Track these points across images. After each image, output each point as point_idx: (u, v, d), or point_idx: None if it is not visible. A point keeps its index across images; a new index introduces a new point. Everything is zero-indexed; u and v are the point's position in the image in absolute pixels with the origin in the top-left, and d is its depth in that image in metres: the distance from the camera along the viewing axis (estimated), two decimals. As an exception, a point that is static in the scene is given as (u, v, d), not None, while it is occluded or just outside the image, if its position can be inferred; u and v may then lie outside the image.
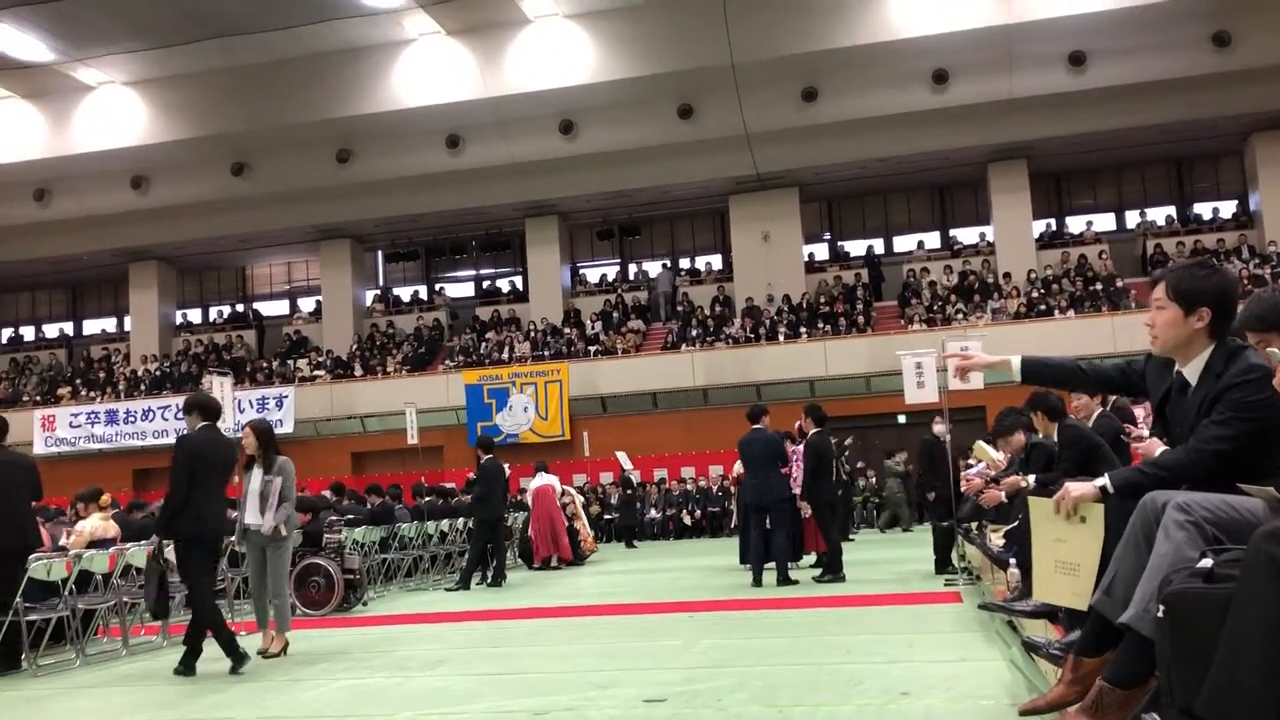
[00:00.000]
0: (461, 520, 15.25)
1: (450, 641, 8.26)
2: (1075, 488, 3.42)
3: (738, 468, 13.65)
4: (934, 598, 9.17)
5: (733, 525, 17.89)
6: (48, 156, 25.49)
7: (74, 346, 31.09)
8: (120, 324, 30.83)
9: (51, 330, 31.94)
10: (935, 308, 23.69)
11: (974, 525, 9.62)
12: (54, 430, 25.41)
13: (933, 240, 27.18)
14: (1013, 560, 6.23)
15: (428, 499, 15.58)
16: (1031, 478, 6.74)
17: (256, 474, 8.07)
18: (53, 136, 25.38)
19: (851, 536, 17.25)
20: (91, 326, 31.77)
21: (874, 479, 22.08)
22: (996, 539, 7.53)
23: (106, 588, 8.86)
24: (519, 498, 18.76)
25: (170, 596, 8.13)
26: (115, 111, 24.93)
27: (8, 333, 31.65)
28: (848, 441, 19.33)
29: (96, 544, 9.51)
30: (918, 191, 27.28)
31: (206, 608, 7.31)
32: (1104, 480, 3.39)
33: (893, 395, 19.15)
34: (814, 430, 11.24)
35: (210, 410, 7.71)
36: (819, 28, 21.90)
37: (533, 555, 15.95)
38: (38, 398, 27.43)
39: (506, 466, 14.50)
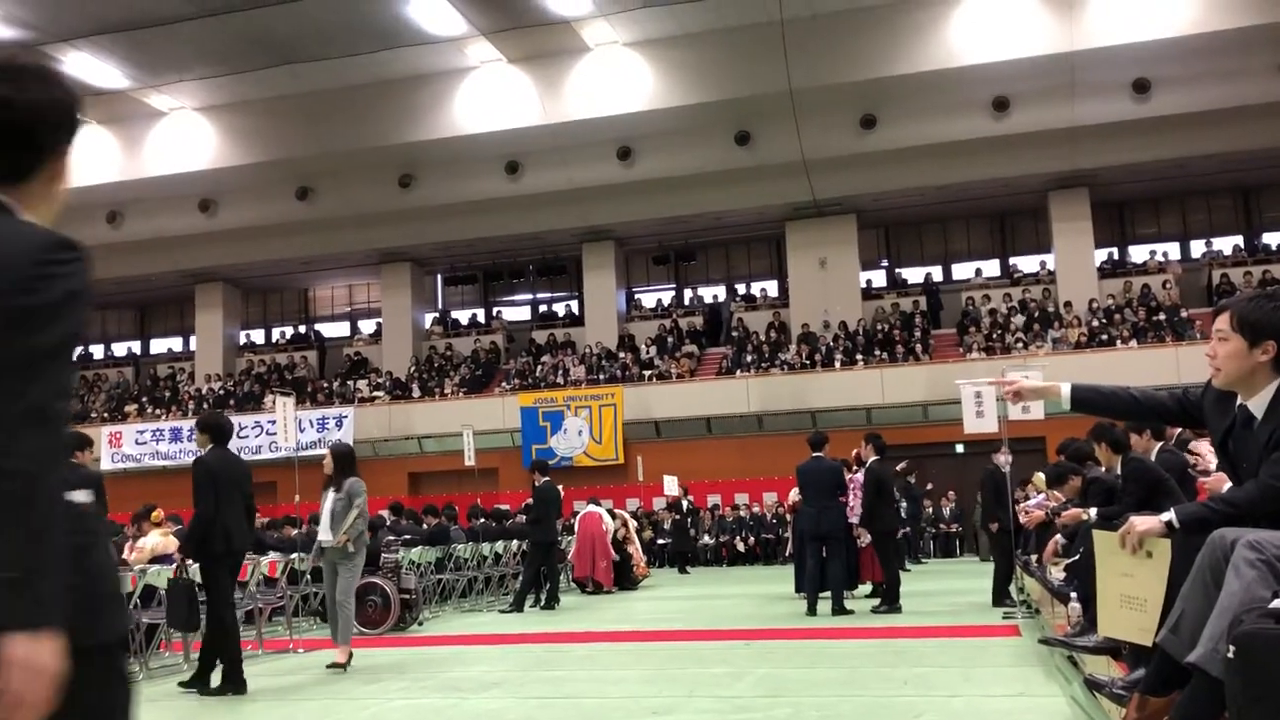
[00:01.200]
0: (516, 542, 15.35)
1: (504, 664, 8.30)
2: (1141, 522, 3.38)
3: (794, 495, 13.60)
4: (992, 631, 9.04)
5: (787, 553, 17.75)
6: (121, 180, 26.20)
7: (141, 365, 31.80)
8: (186, 343, 31.49)
9: (120, 349, 32.72)
10: (994, 336, 23.42)
11: (1034, 558, 9.48)
12: (120, 446, 25.98)
13: (992, 268, 26.89)
14: (1074, 594, 6.12)
15: (482, 521, 15.70)
16: (1094, 511, 6.64)
17: (330, 494, 8.54)
18: (126, 160, 26.10)
19: (909, 567, 17.05)
20: (158, 345, 32.48)
21: (930, 508, 21.82)
22: (1057, 572, 7.42)
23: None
24: (571, 521, 18.82)
25: (199, 612, 8.28)
26: (186, 136, 25.59)
27: (78, 350, 32.36)
28: (900, 465, 19.14)
29: (158, 559, 9.71)
30: (977, 219, 27.03)
31: (227, 626, 7.44)
32: (1170, 515, 3.34)
33: (950, 424, 18.95)
34: (874, 458, 11.16)
35: (222, 431, 7.89)
36: (878, 55, 21.87)
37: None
38: (105, 414, 28.08)
39: (561, 489, 14.57)
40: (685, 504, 21.45)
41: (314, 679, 7.86)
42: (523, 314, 30.03)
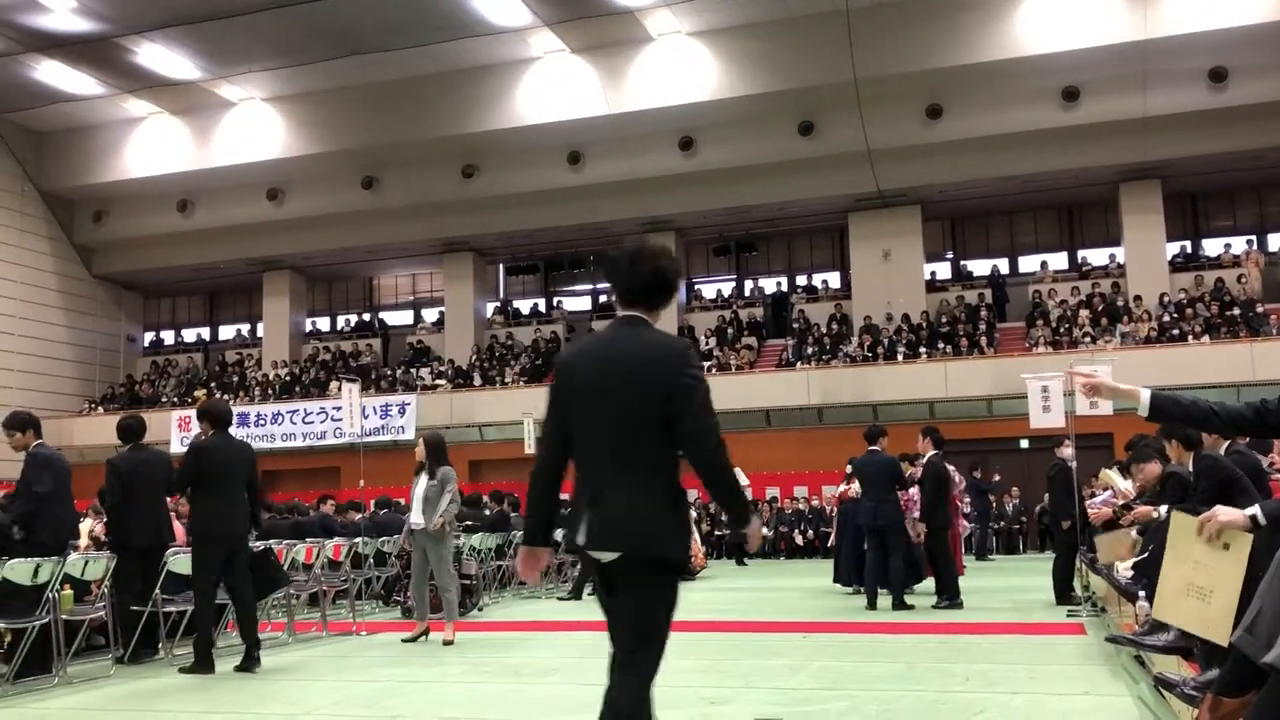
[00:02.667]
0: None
1: (562, 650, 8.36)
2: (1225, 512, 3.30)
3: (843, 487, 13.52)
4: (1056, 628, 8.90)
5: (829, 544, 17.61)
6: (191, 169, 26.80)
7: (210, 351, 32.45)
8: (253, 330, 32.07)
9: (190, 335, 33.42)
10: (1062, 330, 23.01)
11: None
12: (188, 430, 26.45)
13: (1059, 261, 26.41)
14: (1142, 593, 6.01)
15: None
16: (1164, 508, 6.50)
17: (423, 480, 9.02)
18: (196, 150, 26.64)
19: (964, 565, 16.82)
20: (227, 332, 33.12)
21: (994, 504, 21.52)
22: (1124, 570, 7.28)
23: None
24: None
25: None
26: (254, 126, 26.04)
27: (150, 336, 33.22)
28: (966, 471, 18.89)
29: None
30: (1045, 211, 26.55)
31: (205, 605, 7.61)
32: (1255, 510, 3.26)
33: (1015, 419, 18.69)
34: (932, 453, 11.03)
35: (219, 418, 7.96)
36: (945, 44, 21.57)
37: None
38: (175, 399, 28.70)
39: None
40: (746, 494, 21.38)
41: (376, 661, 7.98)
42: (583, 304, 30.12)
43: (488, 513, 14.50)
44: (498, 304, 30.17)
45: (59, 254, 29.01)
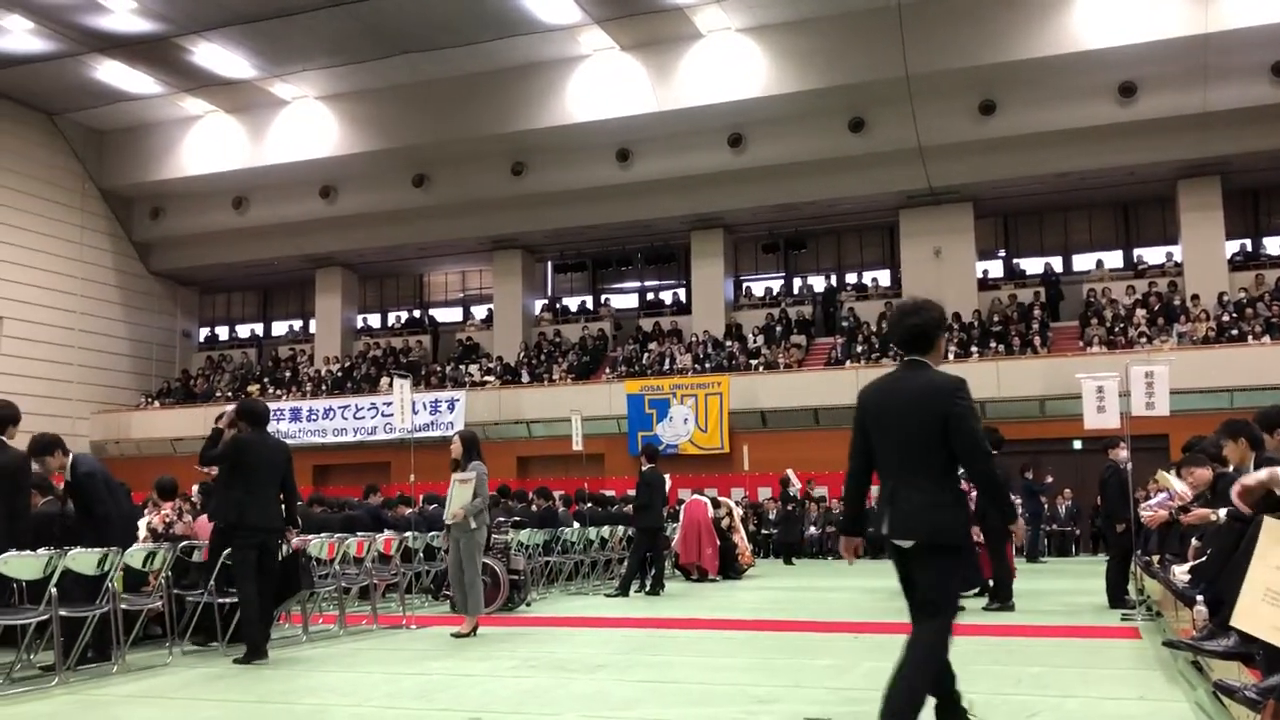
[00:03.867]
0: (621, 528, 15.46)
1: (609, 647, 8.37)
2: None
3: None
4: (1110, 632, 8.77)
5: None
6: (246, 167, 27.21)
7: (263, 346, 32.93)
8: (306, 326, 32.50)
9: (244, 330, 33.92)
10: (1117, 329, 22.65)
11: (1156, 559, 9.16)
12: (243, 425, 26.93)
13: (1115, 259, 25.99)
14: (1200, 597, 5.90)
15: (589, 505, 15.85)
16: (1223, 511, 6.38)
17: (458, 475, 9.17)
18: (251, 148, 27.04)
19: (1014, 567, 16.62)
20: (279, 328, 33.58)
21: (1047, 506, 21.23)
22: (1181, 573, 7.15)
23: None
24: (676, 509, 18.87)
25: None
26: (308, 125, 26.38)
27: (205, 332, 33.77)
28: (1018, 472, 18.69)
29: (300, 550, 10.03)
30: (1100, 208, 26.14)
31: (249, 596, 7.73)
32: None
33: (1069, 420, 18.42)
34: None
35: (256, 416, 8.19)
36: (998, 40, 21.31)
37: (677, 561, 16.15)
38: (229, 393, 29.13)
39: (667, 477, 14.61)
40: (792, 494, 21.28)
41: (426, 654, 8.05)
42: (630, 301, 30.16)
43: (534, 509, 14.56)
44: (546, 301, 30.30)
45: (118, 250, 29.60)
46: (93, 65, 24.42)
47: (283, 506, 8.18)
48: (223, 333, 34.07)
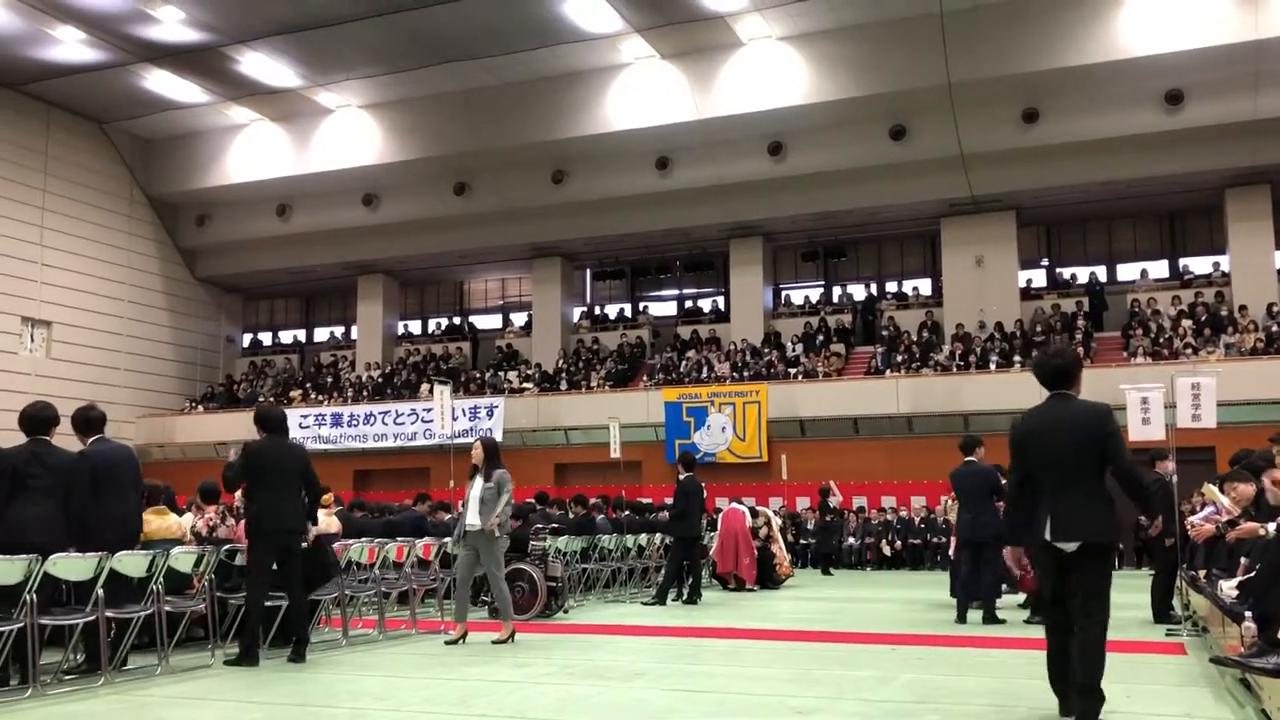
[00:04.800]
0: (659, 535, 15.44)
1: (647, 655, 8.36)
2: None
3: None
4: (1154, 647, 8.63)
5: (950, 555, 17.25)
6: (290, 175, 27.53)
7: (306, 352, 33.27)
8: (347, 332, 32.80)
9: (286, 336, 34.31)
10: (1162, 340, 22.33)
11: (1203, 573, 9.01)
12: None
13: (1160, 269, 25.64)
14: (1248, 613, 5.80)
15: (627, 513, 15.85)
16: (1273, 525, 6.27)
17: (479, 482, 9.07)
18: (295, 156, 27.36)
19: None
20: (321, 334, 33.92)
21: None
22: (1229, 589, 7.03)
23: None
24: (714, 517, 18.82)
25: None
26: (351, 133, 26.65)
27: (248, 337, 34.18)
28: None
29: (322, 539, 10.12)
30: (1145, 217, 25.81)
31: (255, 601, 7.82)
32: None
33: (1112, 431, 18.17)
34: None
35: (268, 421, 8.28)
36: (1042, 47, 21.11)
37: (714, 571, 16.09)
38: (272, 398, 29.45)
39: (704, 485, 14.57)
40: (834, 505, 21.17)
41: (464, 660, 8.09)
42: (669, 309, 30.18)
43: (571, 516, 14.58)
44: (585, 308, 30.38)
45: (164, 257, 30.05)
46: (142, 75, 24.84)
47: (305, 506, 8.27)
48: (266, 338, 34.47)
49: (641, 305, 30.27)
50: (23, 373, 25.88)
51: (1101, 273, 25.89)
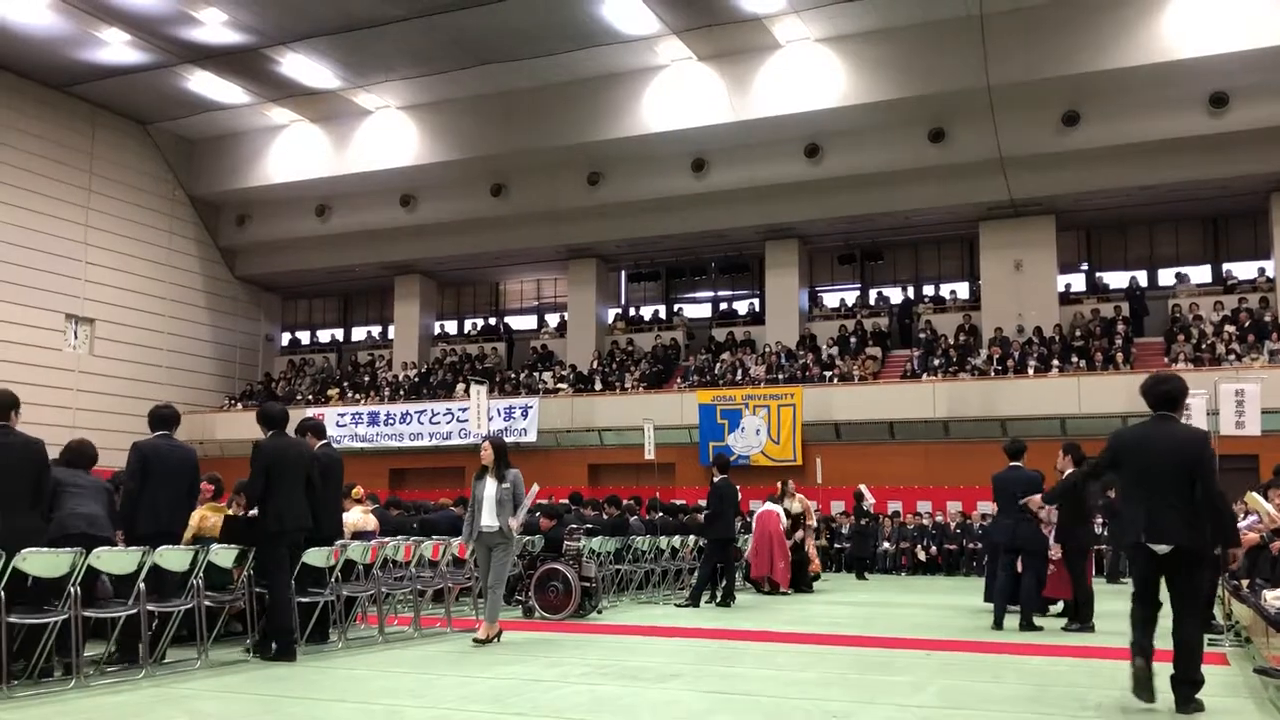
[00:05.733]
0: (693, 538, 15.43)
1: (681, 657, 8.36)
2: None
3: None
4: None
5: (984, 561, 17.15)
6: (329, 175, 27.79)
7: (343, 351, 33.55)
8: (384, 332, 33.04)
9: (324, 335, 34.60)
10: (1204, 346, 22.03)
11: (1245, 583, 8.89)
12: (322, 428, 27.44)
13: (1202, 274, 25.30)
14: (1293, 624, 5.71)
15: (661, 514, 15.85)
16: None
17: (491, 482, 9.00)
18: (335, 157, 27.61)
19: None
20: (359, 333, 34.19)
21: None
22: (1273, 598, 6.93)
23: (367, 577, 9.49)
24: (748, 520, 18.78)
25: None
26: (390, 134, 26.86)
27: (287, 336, 34.52)
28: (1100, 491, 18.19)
29: (358, 535, 10.22)
30: (1187, 221, 25.48)
31: (281, 600, 7.87)
32: None
33: (1152, 438, 17.96)
34: (1072, 470, 10.67)
35: (274, 419, 8.35)
36: (1084, 49, 20.90)
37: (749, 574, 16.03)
38: (310, 397, 29.75)
39: (738, 487, 14.54)
40: (867, 508, 21.06)
41: (499, 658, 8.13)
42: (703, 311, 30.15)
43: (605, 517, 14.60)
44: (619, 310, 30.42)
45: (205, 256, 30.42)
46: (185, 76, 25.16)
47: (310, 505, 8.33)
48: (304, 337, 34.79)
49: (676, 307, 30.27)
50: (66, 369, 26.31)
51: (1142, 277, 25.59)
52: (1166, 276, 25.61)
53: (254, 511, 8.05)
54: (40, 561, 6.40)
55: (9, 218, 25.12)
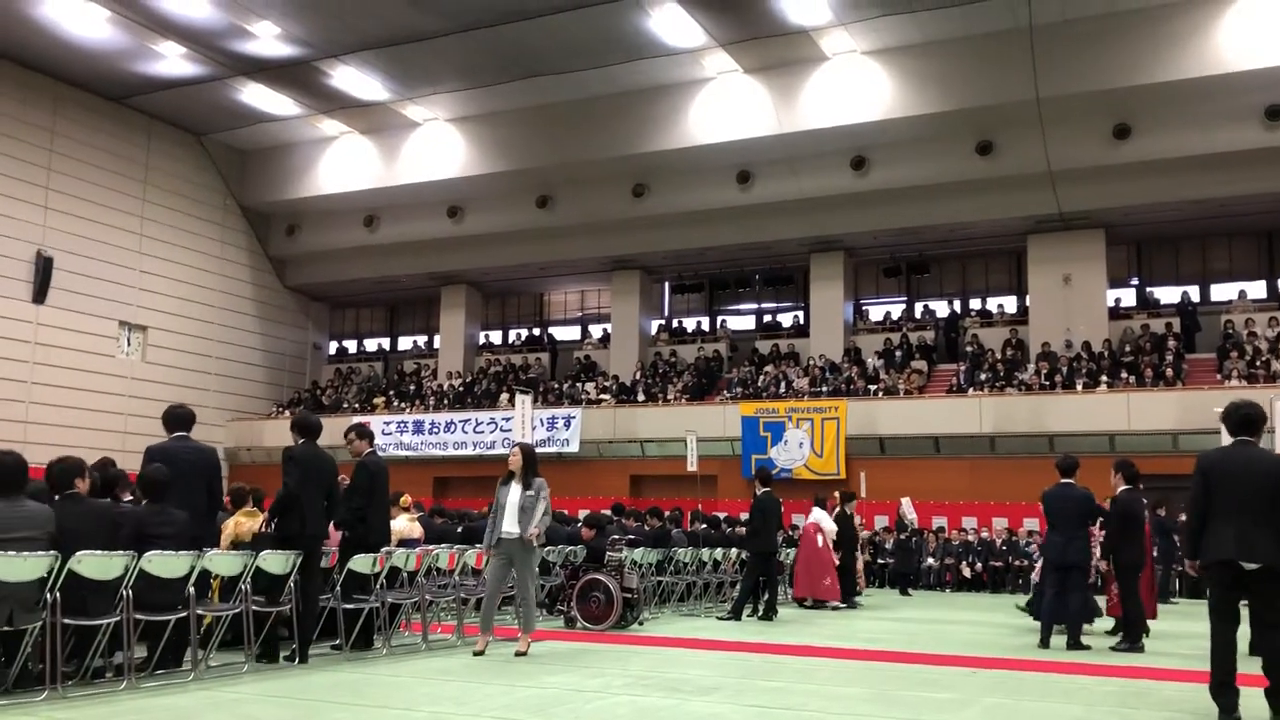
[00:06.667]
0: (735, 550, 15.37)
1: (722, 670, 8.34)
2: None
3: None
4: (1247, 680, 8.33)
5: (1034, 581, 16.95)
6: (378, 187, 28.12)
7: (389, 360, 33.87)
8: (430, 341, 33.32)
9: (371, 344, 34.97)
10: (1259, 363, 21.63)
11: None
12: (367, 436, 27.70)
13: (1257, 290, 24.85)
14: (1350, 648, 5.59)
15: (704, 526, 15.82)
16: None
17: (516, 489, 8.95)
18: (383, 168, 27.94)
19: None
20: (405, 342, 34.51)
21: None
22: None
23: (411, 585, 9.57)
24: (791, 533, 18.70)
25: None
26: (437, 146, 27.13)
27: (334, 345, 34.91)
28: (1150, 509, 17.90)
29: (404, 543, 10.31)
30: (1241, 236, 25.06)
31: (310, 600, 8.10)
32: None
33: (1205, 456, 17.67)
34: (1124, 488, 10.52)
35: (307, 429, 8.48)
36: (1135, 61, 20.65)
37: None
38: (356, 405, 30.05)
39: (780, 501, 14.48)
40: (909, 524, 20.88)
41: (541, 668, 8.15)
42: (747, 323, 30.10)
43: (647, 528, 14.60)
44: (662, 321, 30.45)
45: (255, 265, 30.88)
46: (238, 88, 25.60)
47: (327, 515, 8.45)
48: (351, 346, 35.17)
49: (720, 319, 30.24)
50: (119, 375, 26.80)
51: (1194, 292, 25.19)
52: (1219, 292, 25.20)
53: (273, 522, 8.24)
54: (94, 564, 6.53)
55: (67, 226, 25.68)
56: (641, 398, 26.73)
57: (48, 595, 6.25)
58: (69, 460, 7.07)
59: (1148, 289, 26.00)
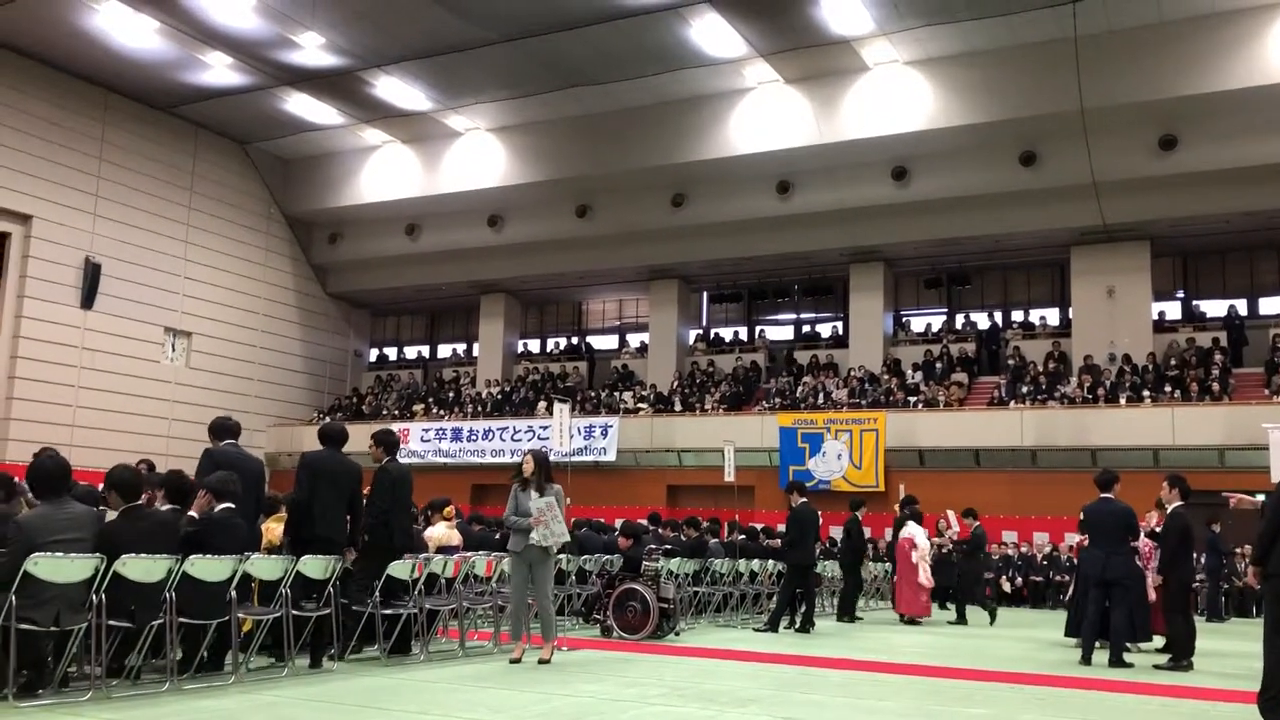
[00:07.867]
0: (772, 561, 15.31)
1: (759, 681, 8.29)
2: None
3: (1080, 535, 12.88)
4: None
5: (1067, 596, 16.77)
6: (419, 195, 28.37)
7: (429, 368, 34.11)
8: (469, 349, 33.52)
9: (411, 352, 35.23)
10: (1308, 378, 21.25)
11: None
12: (407, 443, 27.88)
13: (1307, 303, 24.43)
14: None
15: (742, 537, 15.76)
16: None
17: (534, 495, 8.96)
18: (425, 178, 28.18)
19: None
20: (444, 350, 34.73)
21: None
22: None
23: (449, 591, 9.61)
24: (829, 546, 18.59)
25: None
26: (478, 156, 27.33)
27: (375, 352, 35.20)
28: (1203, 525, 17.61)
29: (443, 550, 10.36)
30: (1291, 249, 24.65)
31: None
32: None
33: (1252, 472, 17.43)
34: (1177, 503, 10.36)
35: (326, 436, 8.61)
36: (1182, 72, 20.40)
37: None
38: (395, 412, 30.28)
39: (819, 512, 14.39)
40: (950, 536, 20.65)
41: (577, 676, 8.15)
42: (785, 334, 30.00)
43: (683, 538, 14.56)
44: (700, 331, 30.42)
45: (298, 272, 31.23)
46: (282, 98, 25.94)
47: (348, 524, 8.42)
48: (391, 353, 35.45)
49: (758, 329, 30.17)
50: (164, 380, 27.17)
51: (1241, 306, 24.80)
52: (1268, 305, 24.80)
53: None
54: (139, 567, 6.61)
55: (115, 233, 26.10)
56: (679, 407, 26.71)
57: (93, 597, 6.34)
58: (133, 470, 7.22)
59: (1193, 302, 25.63)
